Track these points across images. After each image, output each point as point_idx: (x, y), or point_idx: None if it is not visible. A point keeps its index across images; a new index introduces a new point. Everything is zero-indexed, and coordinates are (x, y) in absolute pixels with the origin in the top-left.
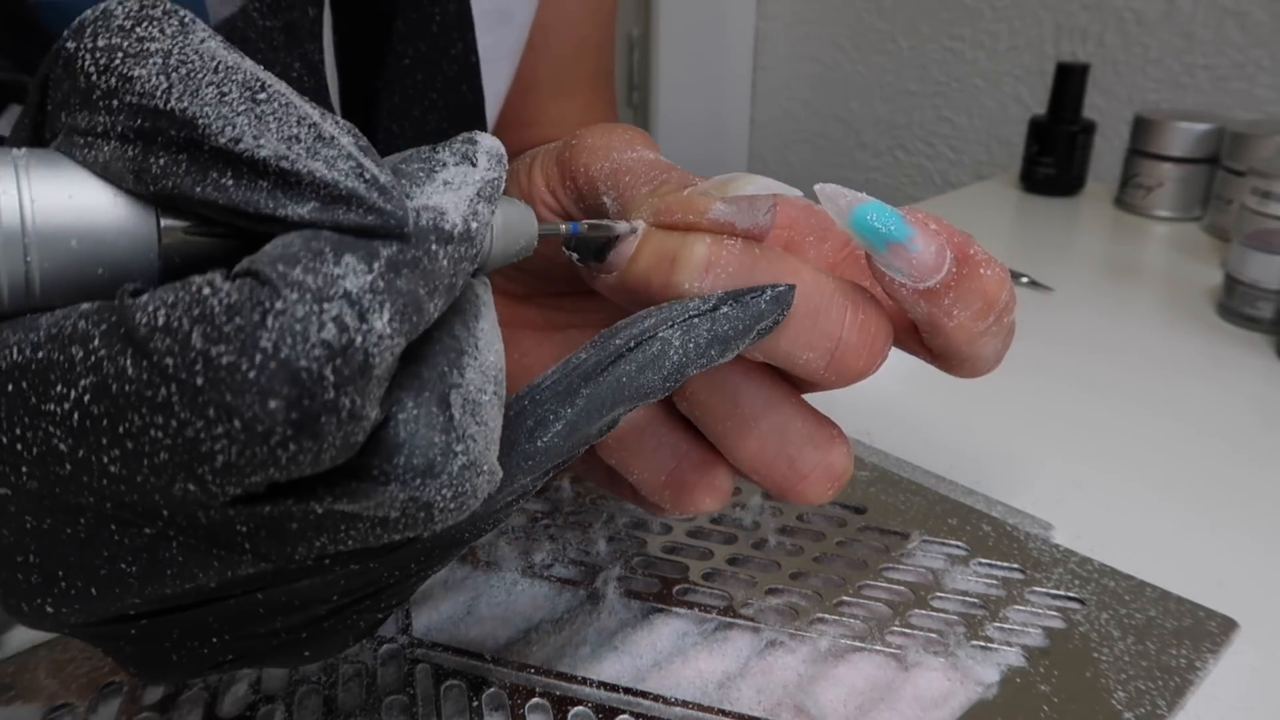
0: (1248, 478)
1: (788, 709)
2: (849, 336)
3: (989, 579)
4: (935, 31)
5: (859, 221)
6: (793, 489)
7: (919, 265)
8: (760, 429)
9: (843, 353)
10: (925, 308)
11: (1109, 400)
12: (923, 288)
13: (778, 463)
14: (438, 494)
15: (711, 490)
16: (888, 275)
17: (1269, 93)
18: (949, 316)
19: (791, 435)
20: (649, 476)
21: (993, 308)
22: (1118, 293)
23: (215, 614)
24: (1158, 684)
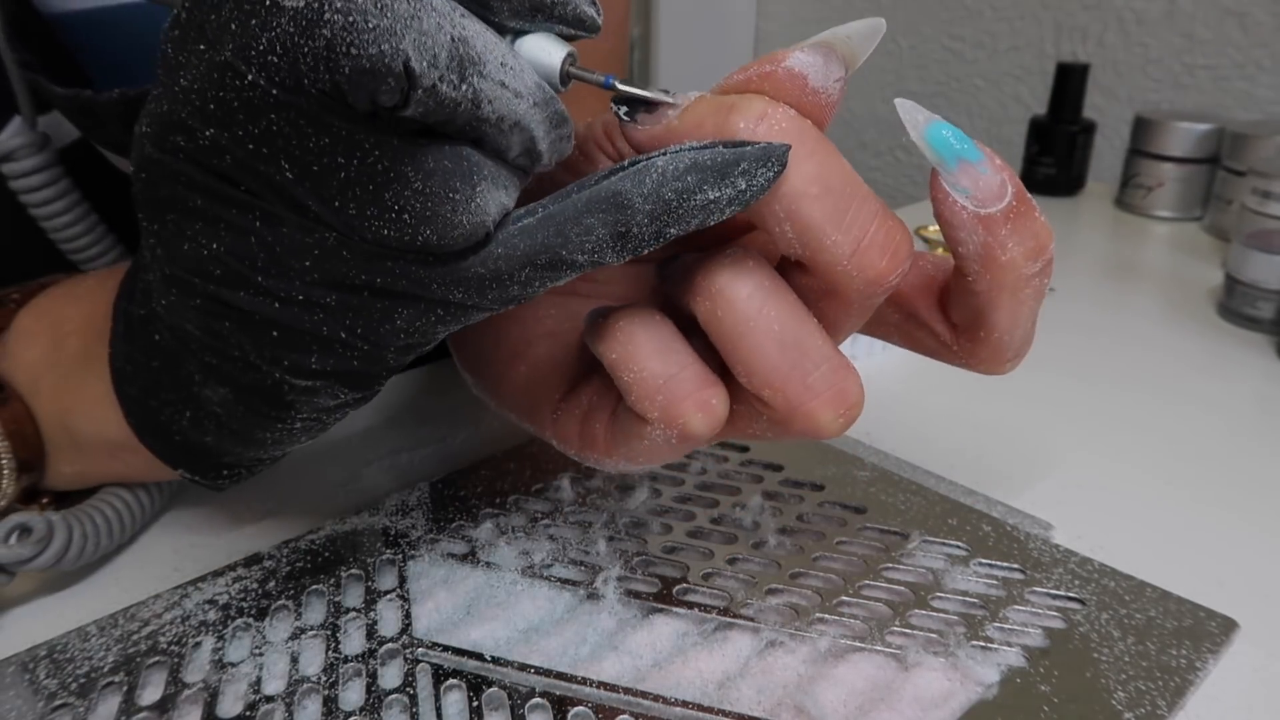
0: (1248, 478)
1: (788, 709)
2: (876, 232)
3: (989, 579)
4: (935, 31)
5: (934, 135)
6: (803, 406)
7: (985, 188)
8: (781, 337)
9: (869, 245)
10: (981, 235)
11: (1109, 400)
12: (983, 213)
13: (793, 376)
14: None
15: (704, 406)
16: (950, 196)
17: (1269, 93)
18: (1003, 249)
19: (810, 351)
20: (646, 376)
21: (1043, 251)
22: (1118, 292)
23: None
24: (1158, 684)
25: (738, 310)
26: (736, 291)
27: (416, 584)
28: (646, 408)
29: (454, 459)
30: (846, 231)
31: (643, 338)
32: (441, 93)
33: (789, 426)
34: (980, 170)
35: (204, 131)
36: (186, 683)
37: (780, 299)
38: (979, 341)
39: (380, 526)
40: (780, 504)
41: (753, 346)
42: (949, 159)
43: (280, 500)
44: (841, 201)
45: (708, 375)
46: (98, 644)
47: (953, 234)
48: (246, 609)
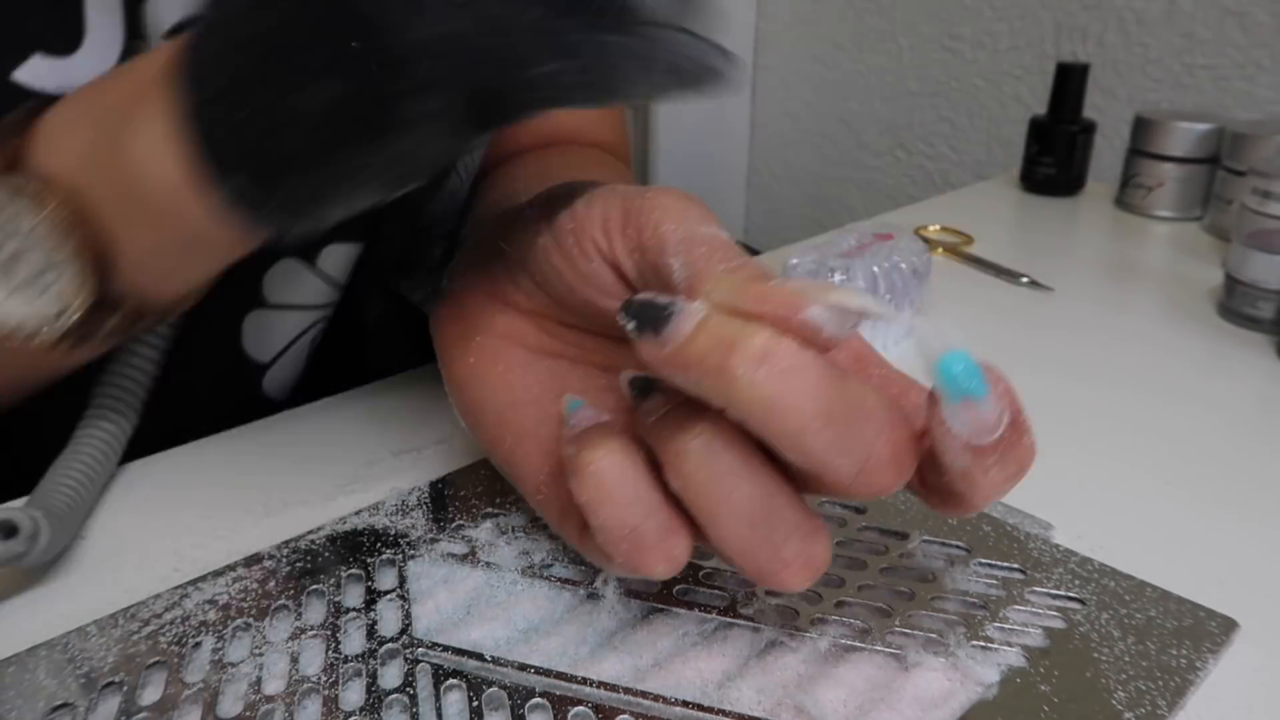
0: (1249, 478)
1: (788, 709)
2: (882, 450)
3: (989, 579)
4: (935, 31)
5: (946, 369)
6: (773, 576)
7: (981, 424)
8: (753, 516)
9: (874, 465)
10: (967, 461)
11: (1109, 400)
12: (974, 444)
13: (763, 551)
14: None
15: (667, 558)
16: (946, 425)
17: (1270, 93)
18: (984, 473)
19: (780, 525)
20: (614, 525)
21: (1023, 473)
22: (1118, 293)
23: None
24: (1158, 684)
25: (709, 492)
26: (707, 474)
27: (416, 584)
28: (611, 552)
29: (454, 459)
30: (850, 455)
31: (611, 484)
32: None
33: (758, 583)
34: (981, 408)
35: None
36: (186, 683)
37: (752, 479)
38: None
39: (380, 526)
40: None
41: (725, 525)
42: (953, 394)
43: (280, 500)
44: (845, 429)
45: (672, 522)
46: (98, 644)
47: (940, 451)
48: (246, 609)
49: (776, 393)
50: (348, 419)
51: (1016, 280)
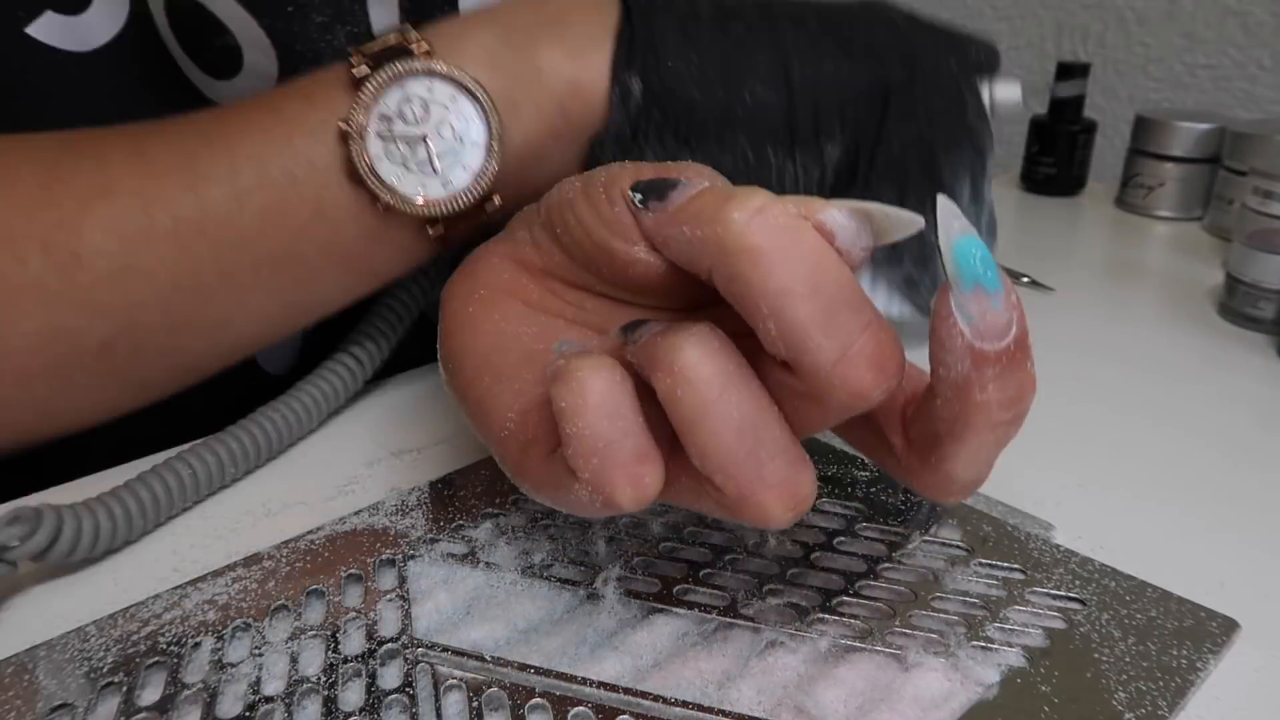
0: (1249, 478)
1: (788, 709)
2: (865, 344)
3: (989, 579)
4: None
5: (963, 251)
6: (753, 496)
7: (989, 322)
8: (740, 426)
9: (855, 355)
10: (966, 367)
11: (1110, 400)
12: (977, 346)
13: (747, 465)
14: None
15: (635, 483)
16: (952, 317)
17: (1271, 92)
18: (981, 388)
19: (767, 441)
20: (589, 435)
21: (1020, 404)
22: (1118, 293)
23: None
24: (1159, 684)
25: (698, 393)
26: (699, 373)
27: (416, 584)
28: (580, 466)
29: (454, 459)
30: (832, 337)
31: (595, 395)
32: None
33: (738, 513)
34: (992, 304)
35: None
36: (186, 683)
37: (743, 385)
38: (929, 466)
39: (380, 526)
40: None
41: (710, 431)
42: (966, 280)
43: (280, 500)
44: (830, 306)
45: (648, 450)
46: (97, 644)
47: (939, 353)
48: (246, 609)
49: (768, 243)
50: (348, 419)
51: (1017, 280)
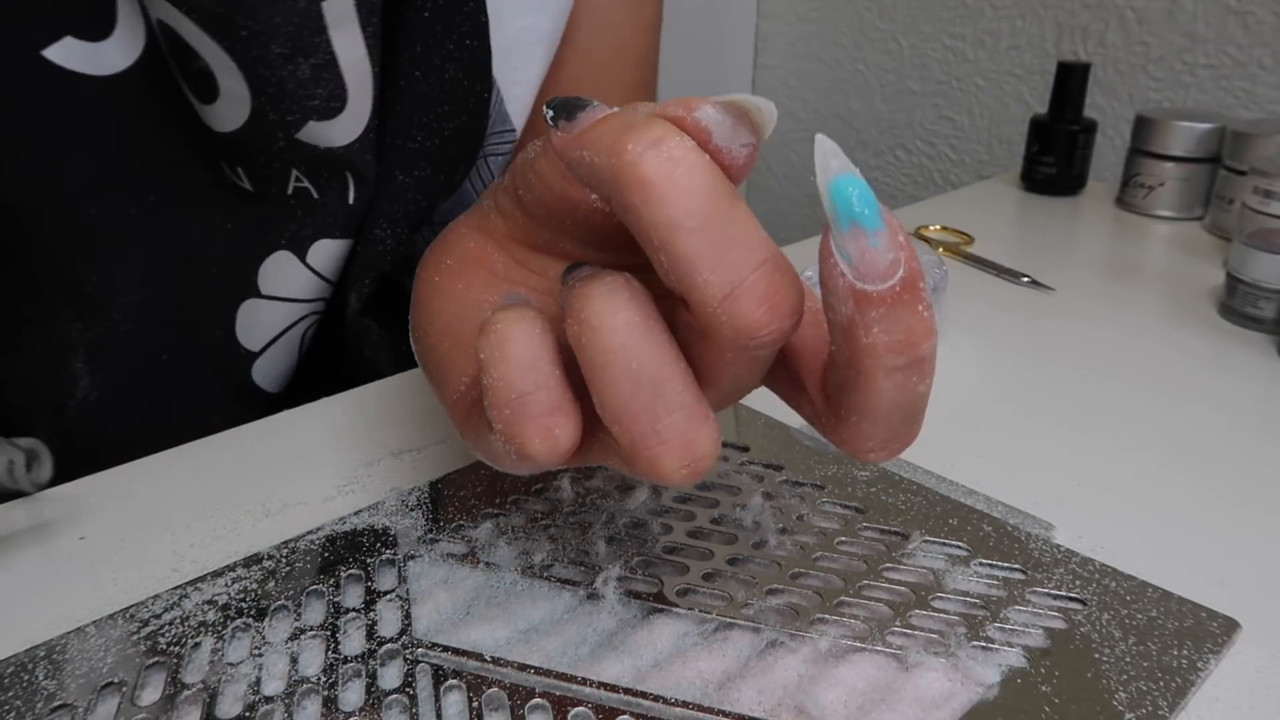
0: (1250, 478)
1: (788, 709)
2: (756, 281)
3: (990, 579)
4: (936, 30)
5: (838, 189)
6: (646, 451)
7: (869, 262)
8: (640, 377)
9: (744, 292)
10: (849, 309)
11: (1110, 400)
12: (858, 287)
13: (643, 417)
14: None
15: (545, 433)
16: (833, 258)
17: (1271, 92)
18: (866, 331)
19: (667, 395)
20: (501, 386)
21: (911, 349)
22: (1119, 293)
23: None
24: (1159, 685)
25: (601, 341)
26: (603, 321)
27: (416, 584)
28: (494, 417)
29: (454, 459)
30: (719, 273)
31: (513, 346)
32: None
33: (633, 466)
34: (871, 242)
35: None
36: (186, 683)
37: (648, 338)
38: (840, 420)
39: (380, 526)
40: (780, 504)
41: (609, 380)
42: (843, 218)
43: (280, 500)
44: (720, 242)
45: (562, 402)
46: (97, 644)
47: (826, 297)
48: (246, 609)
49: (658, 176)
50: (348, 419)
51: (1017, 280)
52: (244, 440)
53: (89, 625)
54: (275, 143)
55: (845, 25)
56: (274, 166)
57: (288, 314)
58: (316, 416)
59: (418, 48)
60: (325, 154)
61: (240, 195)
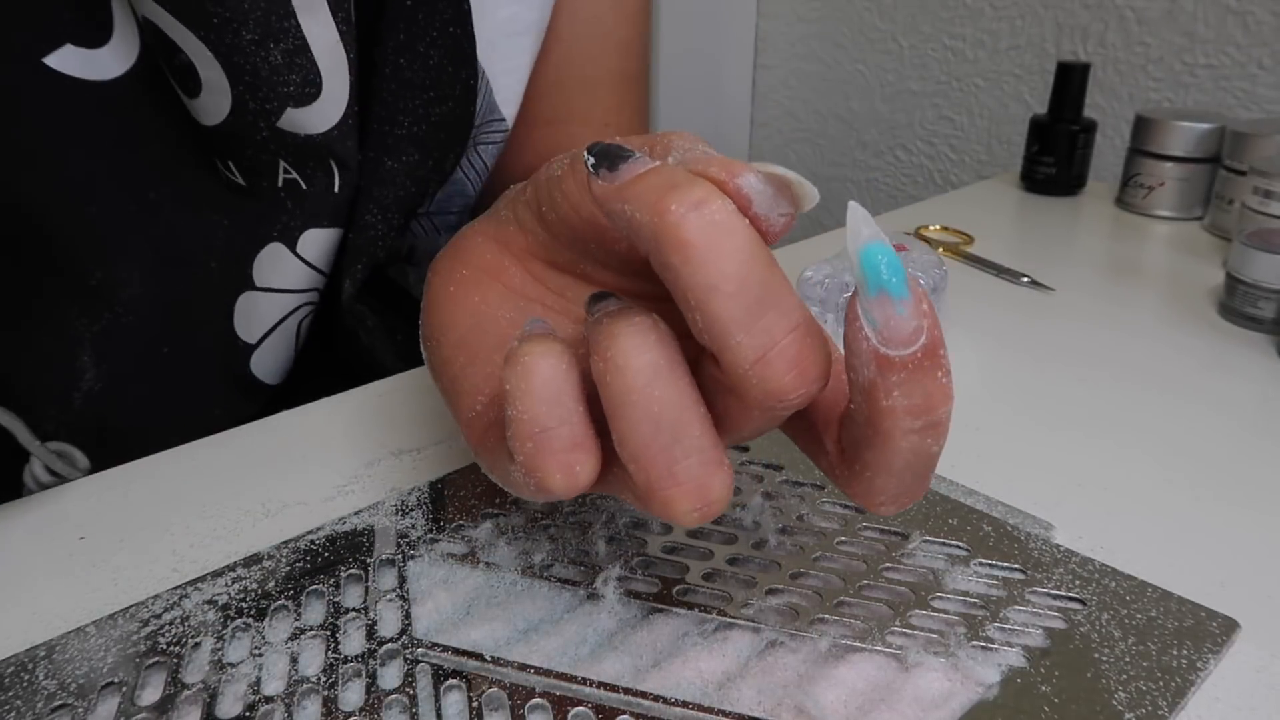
0: (1249, 478)
1: (788, 709)
2: (788, 346)
3: (989, 579)
4: (936, 30)
5: (868, 255)
6: (661, 491)
7: (893, 329)
8: (660, 418)
9: (775, 357)
10: (872, 372)
11: (1110, 400)
12: (881, 351)
13: (660, 459)
14: None
15: (567, 471)
16: (859, 321)
17: (1271, 92)
18: (886, 394)
19: (685, 439)
20: (527, 419)
21: (929, 413)
22: (1118, 292)
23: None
24: (1159, 684)
25: (625, 381)
26: (628, 362)
27: (416, 584)
28: (515, 449)
29: (454, 459)
30: (754, 336)
31: (537, 380)
32: None
33: (647, 504)
34: (896, 310)
35: None
36: (186, 683)
37: (671, 381)
38: (854, 474)
39: (380, 526)
40: (780, 504)
41: (630, 420)
42: (871, 285)
43: (280, 500)
44: (755, 305)
45: (583, 438)
46: (97, 644)
47: (849, 358)
48: (246, 609)
49: (700, 239)
50: (348, 419)
51: (1017, 280)
52: (244, 440)
53: (89, 625)
54: (258, 133)
55: (845, 25)
56: (262, 158)
57: (282, 305)
58: (316, 416)
59: (400, 35)
60: (306, 142)
61: (234, 190)
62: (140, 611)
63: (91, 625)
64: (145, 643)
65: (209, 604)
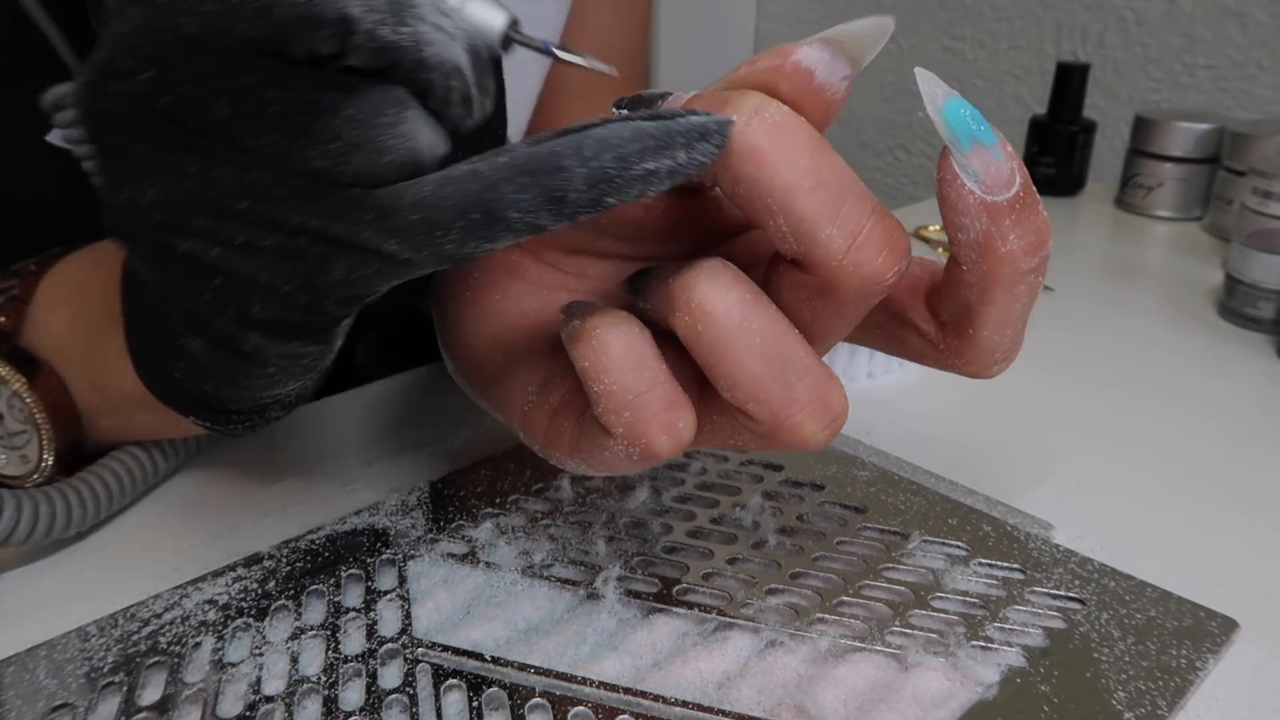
0: (1248, 478)
1: (788, 709)
2: (873, 229)
3: (989, 579)
4: (935, 31)
5: (952, 111)
6: (790, 419)
7: (995, 174)
8: (765, 352)
9: (865, 241)
10: (984, 224)
11: (1109, 400)
12: (989, 200)
13: (777, 389)
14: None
15: (669, 428)
16: (959, 179)
17: (1270, 93)
18: (1004, 240)
19: (794, 363)
20: (615, 391)
21: (1042, 247)
22: (1118, 293)
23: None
24: (1158, 684)
25: (719, 324)
26: (717, 305)
27: (416, 584)
28: (612, 422)
29: (454, 459)
30: (841, 226)
31: (616, 349)
32: (381, 35)
33: (775, 438)
34: (993, 155)
35: (141, 74)
36: (186, 683)
37: (762, 311)
38: (967, 340)
39: (380, 526)
40: (780, 504)
41: (735, 361)
42: (964, 139)
43: (280, 500)
44: (836, 196)
45: (677, 395)
46: (98, 644)
47: (955, 219)
48: (246, 609)
49: (768, 142)
50: (348, 419)
51: None
52: (244, 440)
53: (89, 625)
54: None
55: None
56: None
57: None
58: (316, 417)
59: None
60: None
61: None
62: (140, 611)
63: (92, 625)
64: (146, 642)
65: (209, 604)
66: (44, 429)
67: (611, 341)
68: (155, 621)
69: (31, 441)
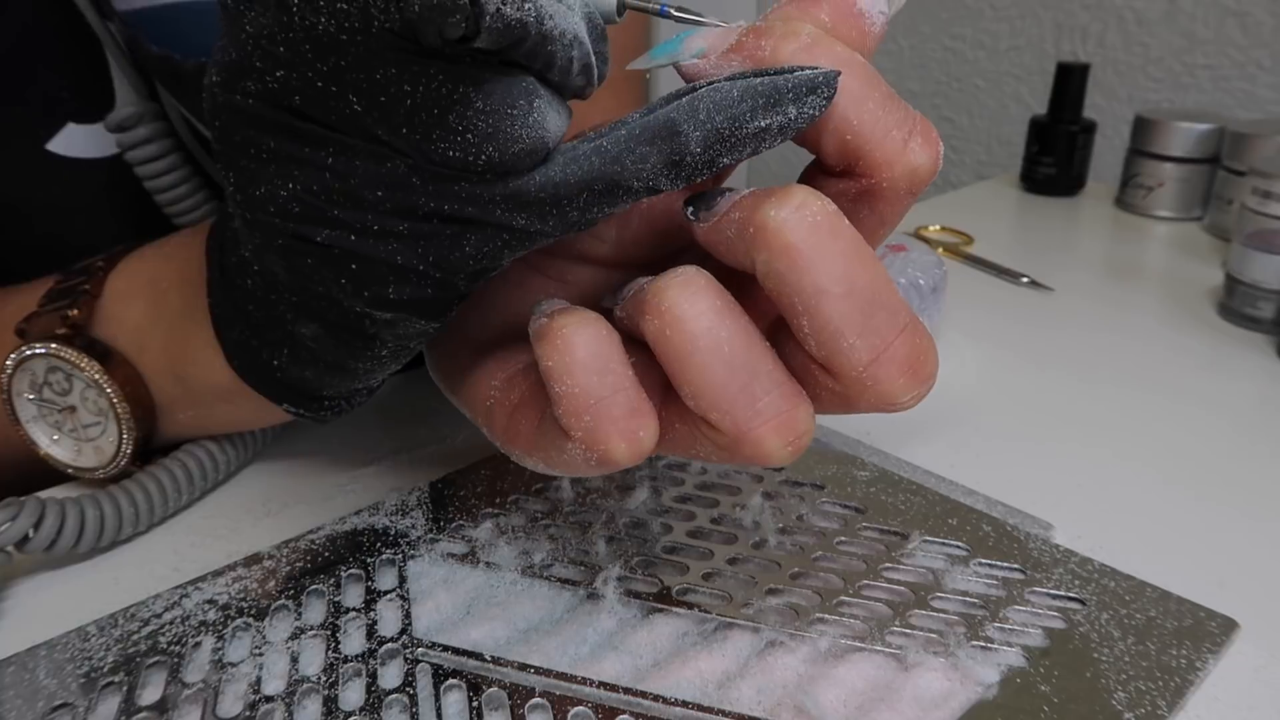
0: (1248, 478)
1: (788, 709)
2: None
3: (989, 579)
4: (935, 31)
5: (655, 52)
6: (751, 432)
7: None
8: (731, 359)
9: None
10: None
11: (1109, 400)
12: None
13: (740, 399)
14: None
15: (629, 437)
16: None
17: (1270, 93)
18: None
19: (760, 375)
20: (577, 394)
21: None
22: (1118, 293)
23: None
24: (1158, 684)
25: (686, 329)
26: (686, 310)
27: (416, 584)
28: (571, 425)
29: (454, 459)
30: (866, 338)
31: (582, 351)
32: (506, 14)
33: (735, 451)
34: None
35: (273, 73)
36: (186, 683)
37: (733, 320)
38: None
39: (380, 526)
40: (780, 504)
41: (700, 367)
42: (670, 47)
43: (280, 500)
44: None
45: (640, 403)
46: (98, 644)
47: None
48: (246, 609)
49: (804, 240)
50: (347, 419)
51: (1017, 280)
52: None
53: (89, 625)
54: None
55: None
56: None
57: None
58: None
59: None
60: None
61: None
62: (140, 611)
63: (92, 625)
64: (145, 642)
65: (209, 603)
66: (124, 419)
67: (577, 341)
68: (155, 621)
69: (107, 432)
